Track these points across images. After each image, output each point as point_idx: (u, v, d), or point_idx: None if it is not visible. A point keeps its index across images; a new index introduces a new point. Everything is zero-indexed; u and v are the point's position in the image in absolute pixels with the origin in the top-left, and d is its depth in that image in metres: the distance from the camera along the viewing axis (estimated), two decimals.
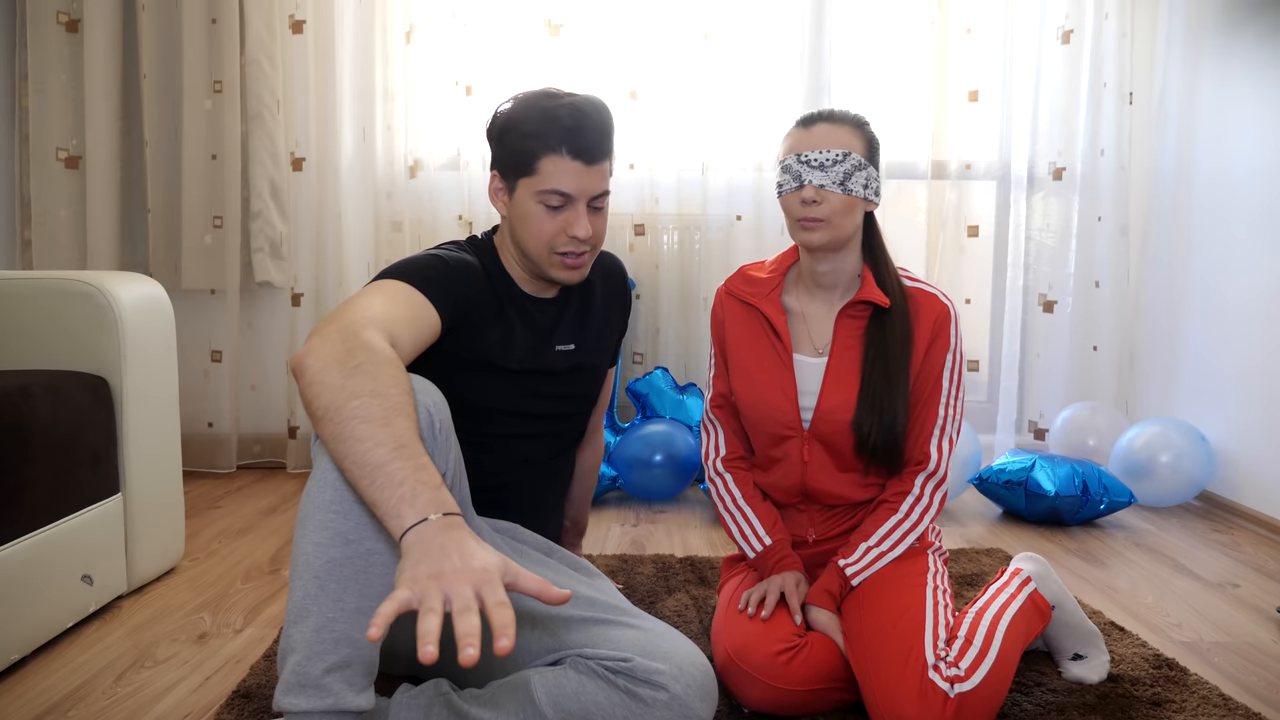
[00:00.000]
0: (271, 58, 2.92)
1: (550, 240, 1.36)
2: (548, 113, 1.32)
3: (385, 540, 1.07)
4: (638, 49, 2.97)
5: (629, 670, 1.16)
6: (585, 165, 1.33)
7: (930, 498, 1.48)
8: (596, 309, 1.55)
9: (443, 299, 1.29)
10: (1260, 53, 2.58)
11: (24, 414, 1.54)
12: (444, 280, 1.31)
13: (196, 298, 3.07)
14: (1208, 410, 2.78)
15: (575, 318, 1.51)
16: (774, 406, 1.49)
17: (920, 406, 1.47)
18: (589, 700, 1.15)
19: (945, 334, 1.46)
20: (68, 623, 1.69)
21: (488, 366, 1.40)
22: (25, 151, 2.89)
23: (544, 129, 1.32)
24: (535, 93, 1.36)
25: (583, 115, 1.32)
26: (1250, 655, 1.68)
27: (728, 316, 1.56)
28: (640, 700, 1.15)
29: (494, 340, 1.40)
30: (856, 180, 1.40)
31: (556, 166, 1.32)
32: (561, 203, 1.34)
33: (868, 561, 1.45)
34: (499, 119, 1.38)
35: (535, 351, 1.44)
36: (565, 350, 1.48)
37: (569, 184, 1.33)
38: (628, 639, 1.20)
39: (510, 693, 1.19)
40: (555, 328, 1.47)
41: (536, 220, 1.35)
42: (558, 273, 1.40)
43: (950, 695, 1.23)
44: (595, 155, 1.34)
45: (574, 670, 1.18)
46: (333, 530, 1.05)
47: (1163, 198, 3.00)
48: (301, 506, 1.09)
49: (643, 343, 3.11)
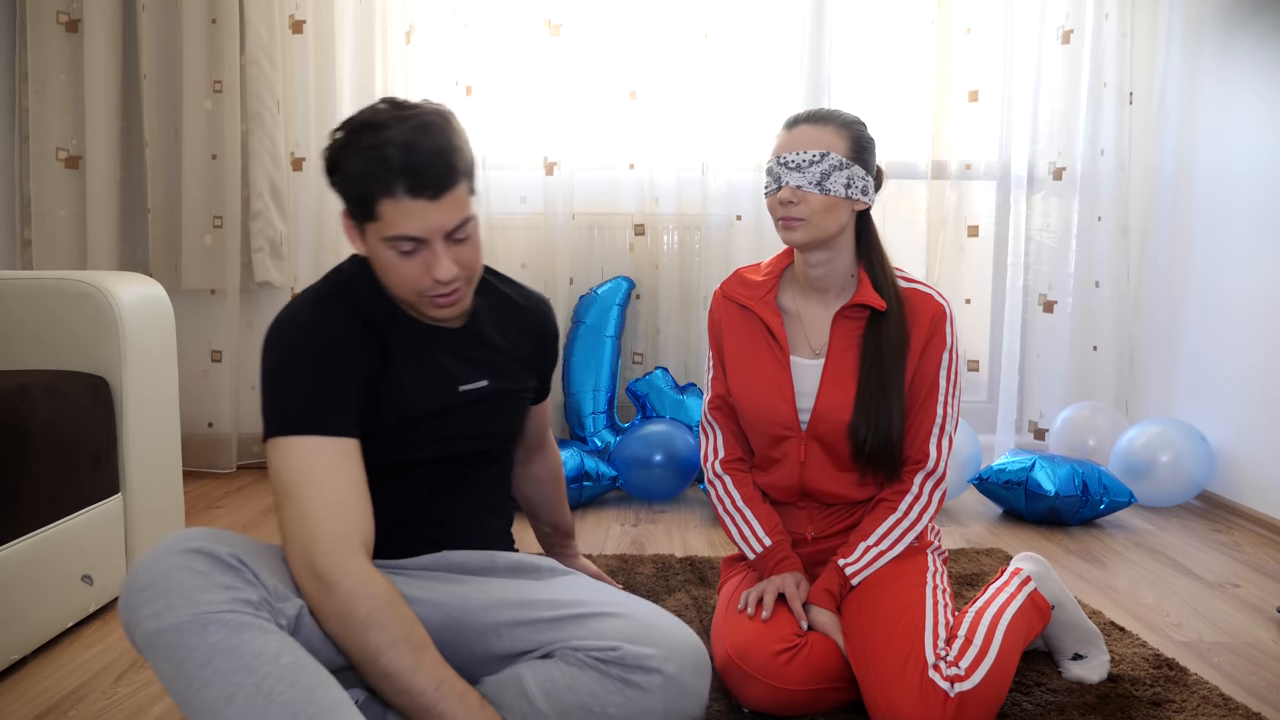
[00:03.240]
0: (271, 58, 2.92)
1: (414, 285, 1.21)
2: (374, 152, 1.13)
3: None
4: (638, 49, 2.97)
5: (619, 659, 1.16)
6: (430, 201, 1.15)
7: (929, 497, 1.49)
8: (505, 338, 1.40)
9: (343, 418, 1.19)
10: (1260, 53, 2.58)
11: (24, 414, 1.54)
12: (331, 395, 1.19)
13: (196, 298, 3.07)
14: (1208, 410, 2.78)
15: (479, 347, 1.36)
16: (772, 408, 1.49)
17: (918, 406, 1.47)
18: (584, 692, 1.15)
19: (941, 333, 1.47)
20: (68, 623, 1.69)
21: (384, 424, 1.27)
22: (25, 151, 2.89)
23: (372, 170, 1.14)
24: (362, 123, 1.16)
25: (414, 149, 1.13)
26: (1250, 655, 1.68)
27: (724, 319, 1.57)
28: (636, 686, 1.15)
29: (382, 393, 1.27)
30: (835, 180, 1.40)
31: (397, 209, 1.15)
32: (413, 247, 1.17)
33: (867, 561, 1.45)
34: (326, 156, 1.20)
35: (438, 391, 1.31)
36: (474, 387, 1.34)
37: (415, 227, 1.16)
38: (612, 628, 1.20)
39: (504, 689, 1.19)
40: (459, 360, 1.33)
41: (394, 267, 1.20)
42: (432, 312, 1.25)
43: (950, 695, 1.24)
44: (440, 187, 1.15)
45: (565, 663, 1.18)
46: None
47: (1163, 198, 3.00)
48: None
49: (643, 343, 3.11)
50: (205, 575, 1.04)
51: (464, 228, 1.20)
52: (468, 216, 1.20)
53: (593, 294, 2.95)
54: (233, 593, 1.03)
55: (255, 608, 1.04)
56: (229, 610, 1.02)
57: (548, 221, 3.02)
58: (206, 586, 1.03)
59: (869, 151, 1.46)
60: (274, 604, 1.08)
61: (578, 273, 3.07)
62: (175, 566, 1.04)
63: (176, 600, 1.01)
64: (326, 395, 1.20)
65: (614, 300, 2.93)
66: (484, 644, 1.24)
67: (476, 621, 1.25)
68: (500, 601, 1.26)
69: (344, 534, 1.13)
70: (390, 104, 1.18)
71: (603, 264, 3.09)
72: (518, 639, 1.23)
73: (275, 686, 0.99)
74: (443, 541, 1.35)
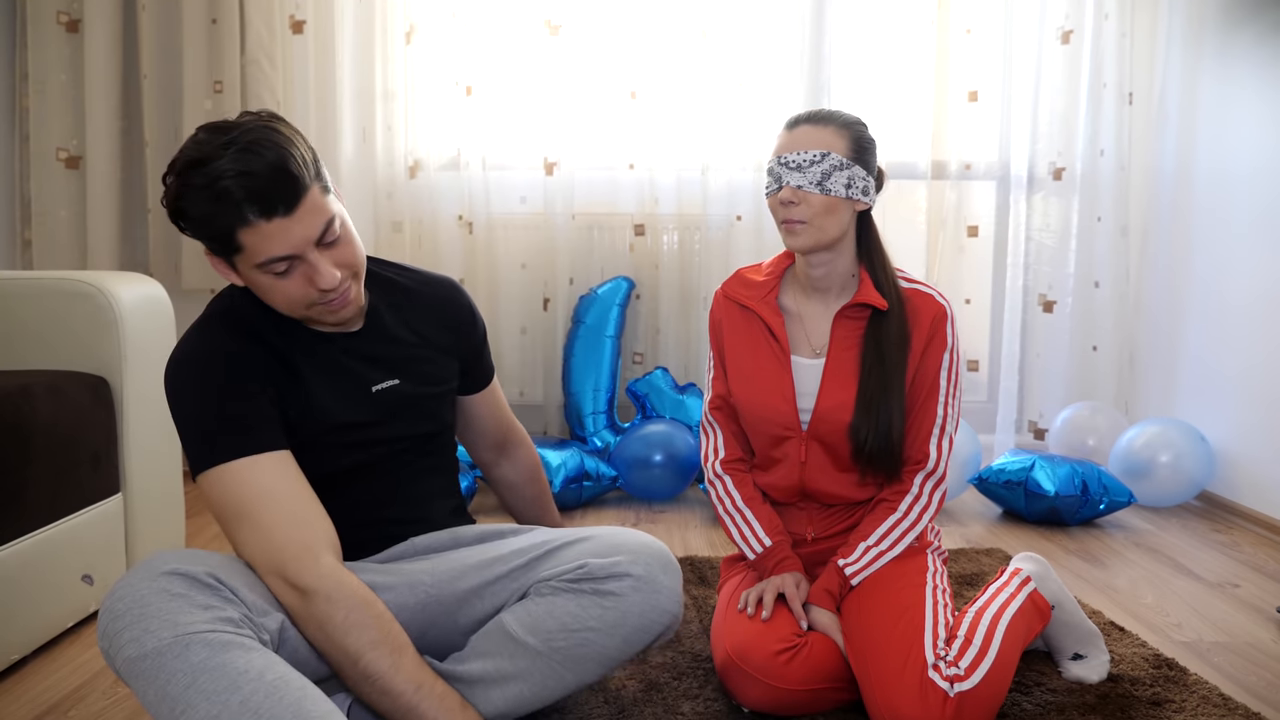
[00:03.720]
0: (271, 58, 2.92)
1: (302, 300, 1.17)
2: (210, 189, 1.08)
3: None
4: (637, 49, 2.97)
5: (588, 573, 1.18)
6: (286, 217, 1.10)
7: (929, 497, 1.49)
8: (411, 330, 1.36)
9: (267, 431, 1.18)
10: (1260, 53, 2.58)
11: (24, 414, 1.55)
12: (248, 411, 1.17)
13: (196, 298, 3.07)
14: (1208, 410, 2.78)
15: (384, 344, 1.32)
16: (772, 408, 1.50)
17: (918, 406, 1.47)
18: (563, 614, 1.17)
19: (942, 334, 1.47)
20: (68, 623, 1.69)
21: (307, 437, 1.24)
22: (25, 151, 2.89)
23: (217, 207, 1.09)
24: (188, 162, 1.11)
25: (249, 175, 1.08)
26: (1250, 655, 1.68)
27: (725, 319, 1.57)
28: (609, 594, 1.18)
29: (295, 408, 1.24)
30: (836, 180, 1.40)
31: (257, 235, 1.10)
32: (288, 265, 1.13)
33: (867, 561, 1.45)
34: (165, 205, 1.14)
35: (350, 397, 1.28)
36: (386, 386, 1.30)
37: (281, 247, 1.11)
38: (577, 551, 1.23)
39: (489, 639, 1.21)
40: (364, 362, 1.30)
41: (276, 289, 1.15)
42: (328, 319, 1.22)
43: (950, 694, 1.24)
44: (291, 201, 1.10)
45: (539, 595, 1.20)
46: None
47: (1163, 198, 3.00)
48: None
49: (643, 343, 3.11)
50: (183, 597, 1.03)
51: (330, 229, 1.16)
52: (330, 216, 1.16)
53: (593, 294, 2.95)
54: (212, 612, 1.03)
55: (237, 625, 1.04)
56: (210, 630, 1.01)
57: (548, 222, 3.02)
58: (185, 608, 1.02)
59: (870, 152, 1.46)
60: (255, 619, 1.07)
61: (578, 273, 3.07)
62: (152, 591, 1.02)
63: (155, 624, 1.00)
64: (244, 413, 1.18)
65: (614, 300, 2.93)
66: (466, 611, 1.25)
67: (454, 590, 1.26)
68: (470, 567, 1.27)
69: (308, 539, 1.13)
70: (209, 131, 1.13)
71: (603, 264, 3.09)
72: (496, 595, 1.24)
73: (262, 703, 0.98)
74: (402, 535, 1.36)
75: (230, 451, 1.16)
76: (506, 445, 1.58)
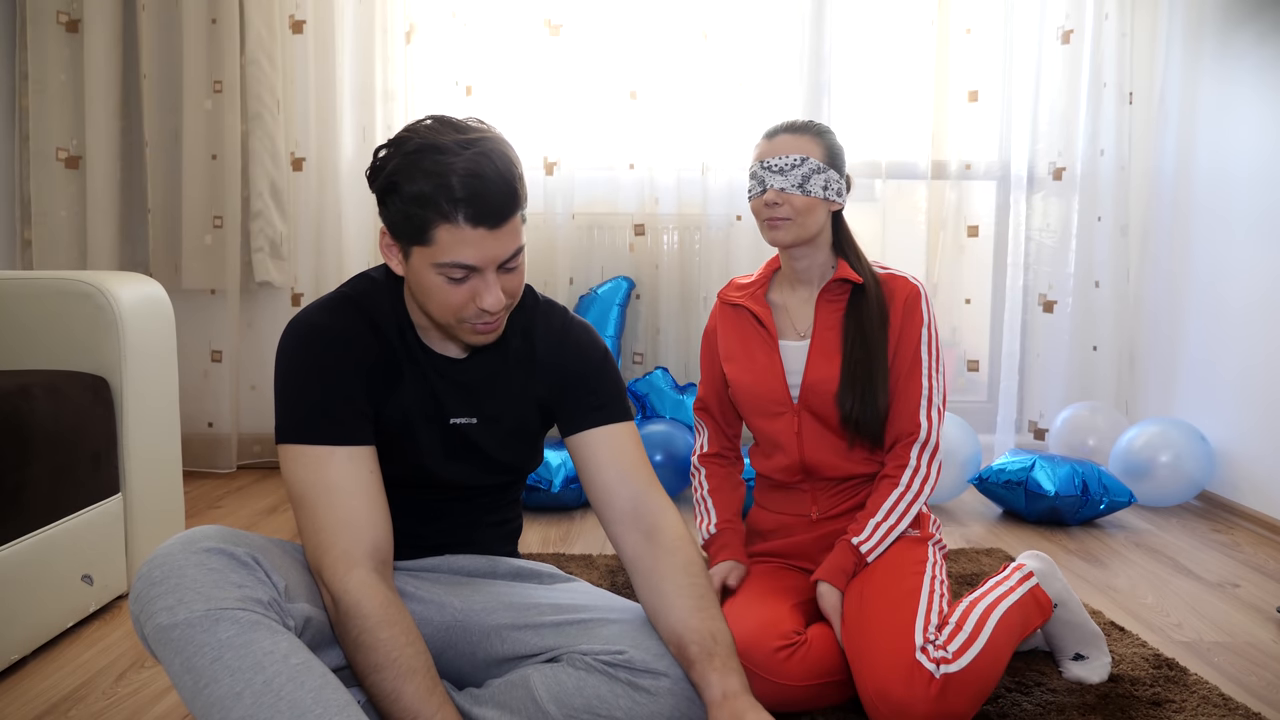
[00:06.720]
0: (271, 58, 2.92)
1: (457, 311, 1.17)
2: (438, 177, 1.09)
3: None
4: (638, 49, 2.97)
5: (626, 662, 1.17)
6: (490, 230, 1.11)
7: (927, 468, 1.55)
8: (511, 373, 1.32)
9: (355, 424, 1.19)
10: (1260, 53, 2.58)
11: (24, 414, 1.55)
12: (342, 401, 1.18)
13: (196, 298, 3.07)
14: (1208, 410, 2.78)
15: (482, 381, 1.30)
16: (764, 384, 1.60)
17: (903, 381, 1.56)
18: (591, 695, 1.16)
19: (917, 310, 1.57)
20: (68, 623, 1.69)
21: (389, 438, 1.25)
22: (25, 151, 2.89)
23: (435, 195, 1.09)
24: (423, 143, 1.11)
25: (480, 177, 1.09)
26: (1250, 655, 1.68)
27: (720, 322, 1.70)
28: (643, 690, 1.16)
29: (396, 409, 1.25)
30: (815, 183, 1.53)
31: (455, 237, 1.11)
32: (465, 275, 1.14)
33: (880, 536, 1.51)
34: (381, 174, 1.15)
35: (427, 419, 1.28)
36: (463, 422, 1.29)
37: (471, 255, 1.12)
38: (616, 632, 1.21)
39: (511, 691, 1.19)
40: (456, 391, 1.29)
41: (439, 292, 1.15)
42: (468, 338, 1.22)
43: (935, 675, 1.26)
44: (500, 217, 1.12)
45: (572, 667, 1.18)
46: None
47: (1163, 198, 3.00)
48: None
49: (643, 343, 3.12)
50: (219, 572, 1.04)
51: (516, 257, 1.17)
52: (521, 245, 1.17)
53: (593, 294, 2.95)
54: (244, 590, 1.04)
55: (265, 607, 1.05)
56: (240, 608, 1.02)
57: (548, 221, 3.02)
58: (220, 583, 1.03)
59: (841, 158, 1.60)
60: (283, 604, 1.08)
61: (578, 273, 3.07)
62: (190, 564, 1.04)
63: (189, 595, 1.01)
64: (341, 402, 1.19)
65: (614, 300, 2.93)
66: (486, 646, 1.25)
67: (479, 623, 1.26)
68: (502, 604, 1.27)
69: (349, 546, 1.14)
70: (443, 124, 1.14)
71: (603, 264, 3.09)
72: (520, 642, 1.24)
73: (284, 686, 0.99)
74: (444, 548, 1.36)
75: (314, 435, 1.17)
76: (633, 518, 1.27)
